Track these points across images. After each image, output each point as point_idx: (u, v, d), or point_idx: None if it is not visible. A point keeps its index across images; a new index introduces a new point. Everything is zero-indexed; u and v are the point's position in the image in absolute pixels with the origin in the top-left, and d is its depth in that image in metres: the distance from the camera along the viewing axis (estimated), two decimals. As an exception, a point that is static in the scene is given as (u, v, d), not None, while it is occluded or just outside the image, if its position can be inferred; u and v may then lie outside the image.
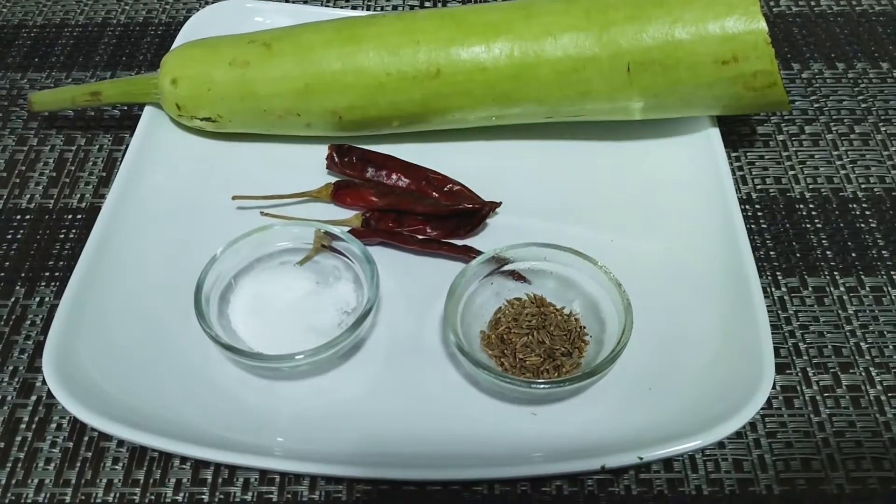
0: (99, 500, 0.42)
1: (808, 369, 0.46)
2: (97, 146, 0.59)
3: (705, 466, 0.43)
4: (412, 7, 0.70)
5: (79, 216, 0.55)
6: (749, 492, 0.42)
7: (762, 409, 0.44)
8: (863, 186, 0.56)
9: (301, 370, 0.44)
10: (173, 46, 0.58)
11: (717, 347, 0.44)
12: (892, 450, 0.43)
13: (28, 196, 0.56)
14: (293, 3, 0.67)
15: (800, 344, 0.47)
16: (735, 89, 0.51)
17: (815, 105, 0.61)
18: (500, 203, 0.52)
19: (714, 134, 0.55)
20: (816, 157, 0.58)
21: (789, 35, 0.67)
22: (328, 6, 0.70)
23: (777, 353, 0.46)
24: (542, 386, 0.41)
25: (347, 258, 0.48)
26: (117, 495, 0.42)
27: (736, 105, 0.52)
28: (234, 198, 0.52)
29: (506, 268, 0.47)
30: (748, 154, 0.58)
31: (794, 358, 0.47)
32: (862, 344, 0.47)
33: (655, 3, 0.50)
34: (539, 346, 0.44)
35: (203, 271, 0.45)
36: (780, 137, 0.59)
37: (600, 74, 0.51)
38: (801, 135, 0.59)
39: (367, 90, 0.52)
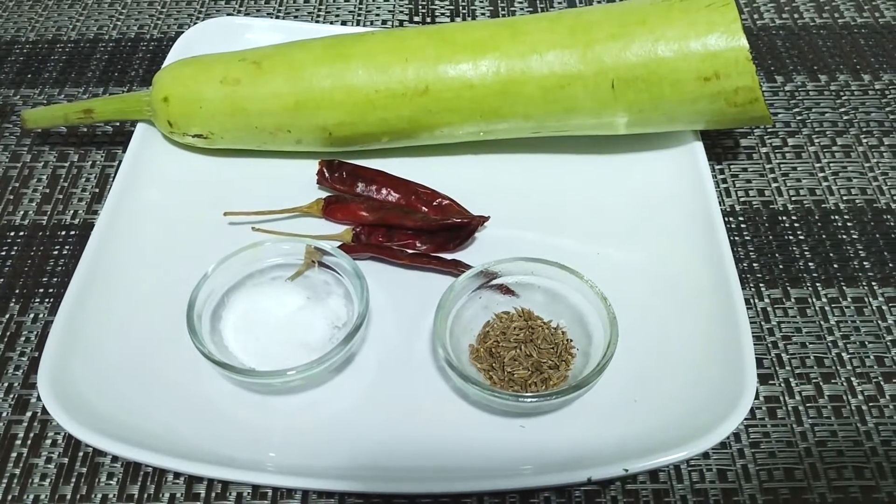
0: (94, 516, 0.42)
1: (791, 380, 0.47)
2: (90, 162, 0.60)
3: (690, 477, 0.43)
4: (401, 23, 0.71)
5: (72, 232, 0.55)
6: (733, 501, 0.42)
7: (746, 419, 0.45)
8: (845, 198, 0.57)
9: (293, 385, 0.45)
10: (165, 63, 0.59)
11: (701, 359, 0.45)
12: (873, 459, 0.44)
13: (21, 213, 0.57)
14: (283, 19, 0.67)
15: (782, 355, 0.48)
16: (717, 105, 0.52)
17: (798, 118, 0.62)
18: (489, 217, 0.53)
19: (698, 147, 0.56)
20: (799, 169, 0.59)
21: (772, 47, 0.68)
22: (318, 22, 0.71)
23: (760, 364, 0.47)
24: (529, 399, 0.42)
25: (338, 273, 0.49)
26: (112, 511, 0.43)
27: (719, 120, 0.53)
28: (225, 213, 0.53)
29: (494, 282, 0.48)
30: (732, 167, 0.59)
31: (777, 369, 0.48)
32: (843, 354, 0.48)
33: (638, 21, 0.51)
34: (527, 359, 0.45)
35: (195, 289, 0.46)
36: (764, 150, 0.60)
37: (585, 91, 0.52)
38: (784, 147, 0.60)
39: (357, 107, 0.53)
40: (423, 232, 0.52)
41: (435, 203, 0.54)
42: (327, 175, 0.55)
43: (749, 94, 0.51)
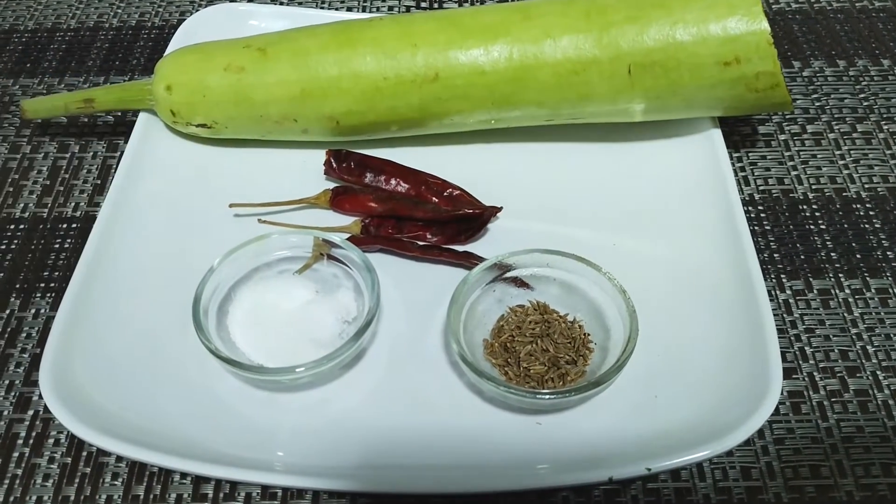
0: (98, 518, 0.41)
1: (815, 374, 0.46)
2: (91, 153, 0.58)
3: (713, 475, 0.42)
4: (407, 9, 0.69)
5: (74, 225, 0.54)
6: (758, 500, 0.41)
7: (770, 415, 0.44)
8: (866, 186, 0.55)
9: (302, 382, 0.44)
10: (167, 51, 0.58)
11: (724, 354, 0.44)
12: (901, 455, 0.43)
13: (22, 205, 0.55)
14: (288, 6, 0.66)
15: (806, 348, 0.47)
16: (737, 91, 0.50)
17: (817, 104, 0.61)
18: (501, 208, 0.51)
19: (716, 135, 0.54)
20: (819, 156, 0.57)
21: (789, 32, 0.66)
22: (323, 8, 0.69)
23: (783, 358, 0.45)
24: (547, 396, 0.41)
25: (347, 266, 0.47)
26: (117, 512, 0.41)
27: (738, 106, 0.52)
28: (231, 205, 0.52)
29: (508, 274, 0.46)
30: (750, 154, 0.57)
31: (801, 362, 0.46)
32: (868, 347, 0.47)
33: (655, 4, 0.49)
34: (543, 354, 0.43)
35: (201, 283, 0.44)
36: (782, 137, 0.58)
37: (601, 77, 0.50)
38: (804, 134, 0.58)
39: (365, 95, 0.52)
40: (433, 223, 0.51)
41: (445, 193, 0.53)
42: (335, 165, 0.54)
43: (770, 79, 0.49)
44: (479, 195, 0.52)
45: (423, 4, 0.70)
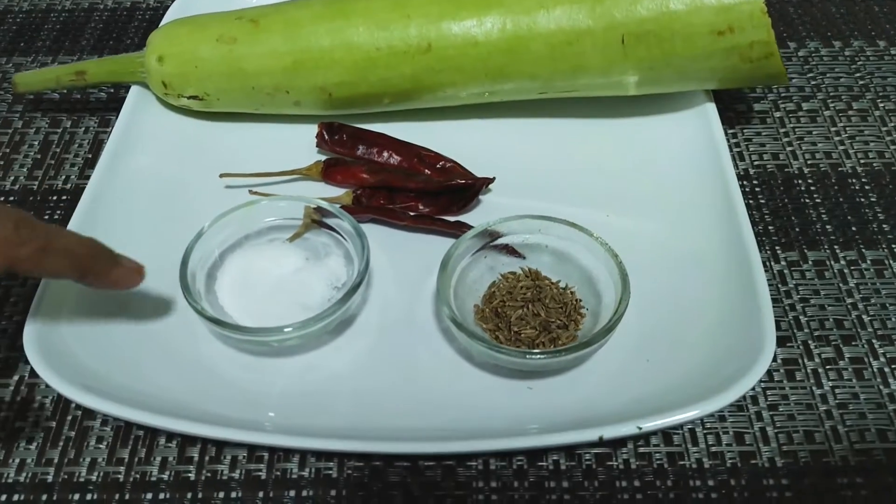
0: (82, 479, 0.40)
1: (810, 342, 0.45)
2: (83, 128, 0.58)
3: (706, 440, 0.41)
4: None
5: (64, 197, 0.54)
6: (751, 465, 0.40)
7: (763, 381, 0.43)
8: (862, 162, 0.55)
9: (290, 344, 0.43)
10: (160, 25, 0.57)
11: (717, 318, 0.43)
12: (896, 421, 0.42)
13: (12, 178, 0.55)
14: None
15: (800, 317, 0.46)
16: (731, 61, 0.50)
17: (812, 82, 0.60)
18: (494, 178, 0.51)
19: (710, 108, 0.54)
20: (814, 133, 0.57)
21: (784, 14, 0.66)
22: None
23: (777, 327, 0.45)
24: (537, 356, 0.40)
25: (338, 234, 0.47)
26: (101, 474, 0.41)
27: (732, 78, 0.51)
28: (221, 175, 0.51)
29: (499, 241, 0.46)
30: (745, 131, 0.57)
31: (795, 331, 0.46)
32: (864, 317, 0.46)
33: (650, -27, 0.49)
34: (534, 318, 0.43)
35: (189, 245, 0.44)
36: (777, 114, 0.58)
37: (594, 47, 0.50)
38: (799, 112, 0.58)
39: (357, 66, 0.51)
40: (425, 194, 0.50)
41: (438, 166, 0.52)
42: (327, 138, 0.53)
43: (764, 48, 0.49)
44: (473, 169, 0.52)
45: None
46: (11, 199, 0.53)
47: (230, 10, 0.54)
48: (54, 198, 0.54)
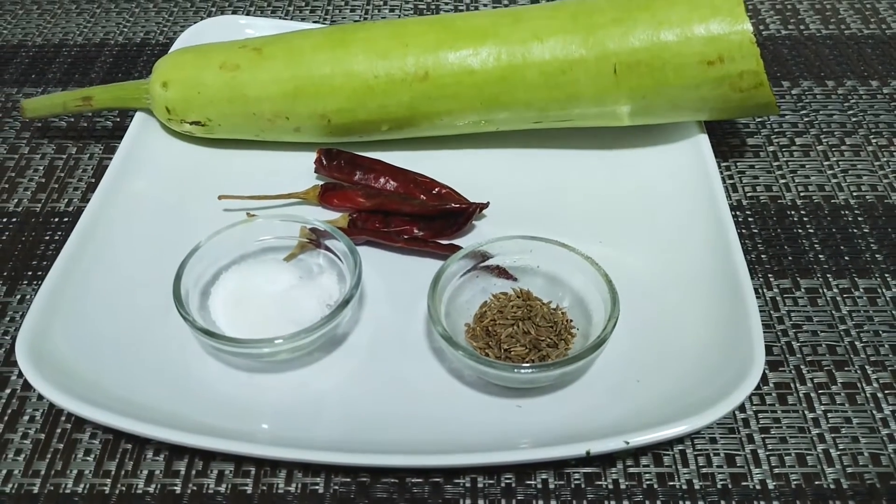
0: (68, 491, 0.40)
1: (802, 367, 0.45)
2: (88, 154, 0.59)
3: (696, 461, 0.41)
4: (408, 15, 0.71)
5: (65, 219, 0.54)
6: (742, 486, 0.40)
7: (755, 405, 0.43)
8: (854, 194, 0.55)
9: (281, 359, 0.43)
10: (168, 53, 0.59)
11: (707, 338, 0.43)
12: (890, 446, 0.42)
13: (15, 200, 0.56)
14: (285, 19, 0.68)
15: (793, 342, 0.46)
16: (722, 90, 0.51)
17: (806, 119, 0.61)
18: (488, 204, 0.51)
19: (703, 139, 0.54)
20: (807, 166, 0.57)
21: (778, 56, 0.68)
22: (323, 24, 0.71)
23: (769, 352, 0.45)
24: (526, 370, 0.40)
25: (333, 254, 0.47)
26: (87, 486, 0.40)
27: (724, 108, 0.52)
28: (220, 197, 0.52)
29: (491, 262, 0.46)
30: (738, 164, 0.58)
31: (787, 356, 0.46)
32: (857, 343, 0.46)
33: (641, 6, 0.51)
34: (524, 336, 0.43)
35: (185, 259, 0.44)
36: (771, 148, 0.59)
37: (587, 76, 0.51)
38: (792, 146, 0.59)
39: (356, 93, 0.53)
40: (420, 218, 0.51)
41: (434, 191, 0.53)
42: (325, 163, 0.54)
43: (754, 77, 0.50)
44: (468, 197, 0.53)
45: (421, 6, 0.71)
46: (14, 220, 0.54)
47: (235, 40, 0.56)
48: (55, 219, 0.54)
